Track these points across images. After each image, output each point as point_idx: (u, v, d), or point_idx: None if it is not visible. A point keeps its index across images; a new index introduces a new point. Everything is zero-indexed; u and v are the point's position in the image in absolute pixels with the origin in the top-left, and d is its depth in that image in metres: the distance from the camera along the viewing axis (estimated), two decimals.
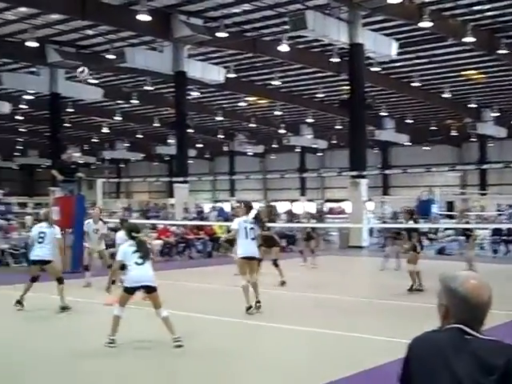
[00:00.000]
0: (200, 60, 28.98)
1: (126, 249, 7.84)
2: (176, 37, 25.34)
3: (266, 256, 13.49)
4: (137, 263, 7.68)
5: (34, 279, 10.54)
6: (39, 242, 10.50)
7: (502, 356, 2.30)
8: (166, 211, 29.46)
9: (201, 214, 29.14)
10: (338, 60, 27.04)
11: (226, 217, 26.04)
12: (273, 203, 27.32)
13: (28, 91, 33.66)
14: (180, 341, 7.55)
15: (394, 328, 8.70)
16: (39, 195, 53.11)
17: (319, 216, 23.98)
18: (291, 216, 20.29)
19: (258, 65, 31.11)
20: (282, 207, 41.55)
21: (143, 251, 7.80)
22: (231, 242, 21.85)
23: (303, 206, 46.54)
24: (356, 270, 18.59)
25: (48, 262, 10.53)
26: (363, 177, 24.65)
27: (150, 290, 7.73)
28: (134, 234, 7.95)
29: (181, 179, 26.97)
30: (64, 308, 10.27)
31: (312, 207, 46.48)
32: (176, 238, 21.25)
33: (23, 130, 47.53)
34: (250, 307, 9.68)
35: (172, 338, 7.58)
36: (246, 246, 9.80)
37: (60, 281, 10.45)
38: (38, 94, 33.22)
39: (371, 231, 25.42)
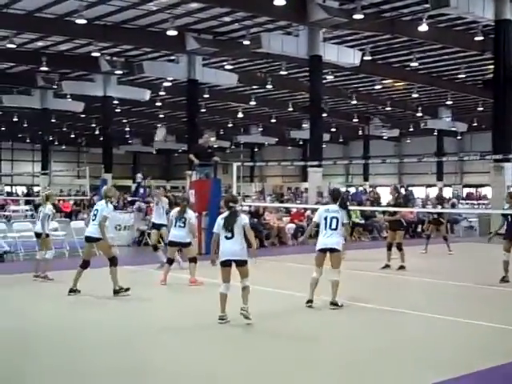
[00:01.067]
0: (335, 43, 28.51)
1: (219, 221, 8.01)
2: (311, 21, 25.00)
3: (391, 239, 13.73)
4: (226, 237, 7.86)
5: (85, 264, 10.04)
6: (92, 220, 10.12)
7: None
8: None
9: None
10: (482, 38, 25.57)
11: (359, 201, 25.65)
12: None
13: (167, 78, 34.79)
14: (246, 311, 7.76)
15: None
16: (176, 179, 55.22)
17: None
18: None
19: (395, 46, 30.13)
20: (417, 192, 40.53)
21: (228, 223, 7.85)
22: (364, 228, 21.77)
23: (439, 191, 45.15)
24: (491, 257, 17.64)
25: (97, 239, 10.02)
26: (508, 160, 23.33)
27: (238, 263, 7.86)
28: (230, 204, 8.01)
29: (315, 163, 26.73)
30: (117, 291, 9.81)
31: (448, 192, 45.04)
32: (309, 222, 21.14)
33: (162, 115, 49.35)
34: (311, 301, 8.99)
35: (241, 307, 7.79)
36: (322, 238, 9.05)
37: (112, 262, 9.88)
38: (176, 80, 34.24)
39: None
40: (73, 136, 59.05)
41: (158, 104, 42.41)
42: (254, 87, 39.48)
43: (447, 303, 9.95)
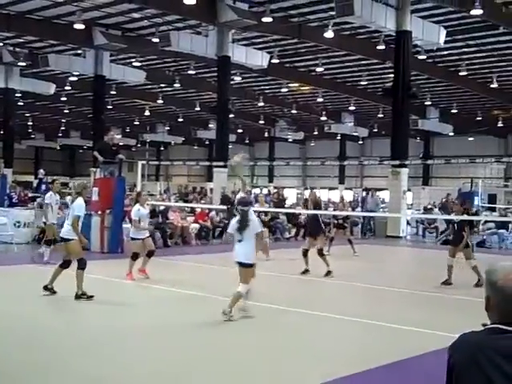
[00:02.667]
0: (244, 45, 28.85)
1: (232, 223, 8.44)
2: (221, 21, 25.22)
3: (309, 246, 13.30)
4: (238, 240, 8.30)
5: (65, 264, 9.65)
6: (66, 219, 9.82)
7: None
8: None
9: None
10: (384, 47, 26.61)
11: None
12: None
13: (73, 73, 34.00)
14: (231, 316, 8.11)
15: (430, 320, 8.69)
16: (80, 176, 53.99)
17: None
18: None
19: (302, 51, 30.82)
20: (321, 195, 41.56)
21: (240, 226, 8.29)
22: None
23: (341, 194, 46.49)
24: (393, 259, 18.41)
25: (67, 240, 9.65)
26: (404, 166, 24.42)
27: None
28: (240, 207, 8.46)
29: (221, 163, 27.00)
30: (79, 296, 9.43)
31: (349, 195, 46.50)
32: (214, 223, 21.33)
33: (66, 111, 48.16)
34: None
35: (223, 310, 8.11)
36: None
37: (79, 264, 9.47)
38: (83, 75, 33.54)
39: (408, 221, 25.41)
40: None
41: (64, 99, 41.37)
42: (162, 85, 39.28)
43: (354, 304, 10.20)
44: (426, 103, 39.52)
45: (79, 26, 25.25)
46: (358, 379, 6.06)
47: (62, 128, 56.74)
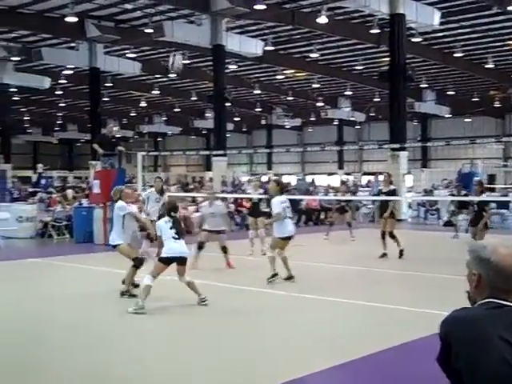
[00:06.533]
0: (238, 33, 28.78)
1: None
2: (214, 10, 25.16)
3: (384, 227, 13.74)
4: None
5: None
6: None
7: None
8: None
9: (237, 187, 29.46)
10: (378, 31, 26.53)
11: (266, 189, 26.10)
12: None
13: (67, 66, 33.91)
14: (205, 300, 8.31)
15: (433, 300, 8.64)
16: (78, 169, 54.05)
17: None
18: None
19: (296, 37, 30.72)
20: (320, 180, 41.64)
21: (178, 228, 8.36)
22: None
23: (341, 179, 46.56)
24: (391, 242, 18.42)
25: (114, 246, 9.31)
26: (403, 149, 24.46)
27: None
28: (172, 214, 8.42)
29: (220, 152, 27.00)
30: (124, 293, 9.08)
31: (349, 180, 46.51)
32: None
33: (62, 104, 48.08)
34: (276, 274, 10.18)
35: (198, 299, 8.32)
36: (288, 225, 10.24)
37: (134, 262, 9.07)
38: (77, 68, 33.46)
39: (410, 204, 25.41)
40: None
41: (59, 92, 41.28)
42: (157, 76, 39.19)
43: (360, 288, 10.16)
44: (421, 86, 39.47)
45: (71, 19, 25.09)
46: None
47: (59, 122, 56.69)
